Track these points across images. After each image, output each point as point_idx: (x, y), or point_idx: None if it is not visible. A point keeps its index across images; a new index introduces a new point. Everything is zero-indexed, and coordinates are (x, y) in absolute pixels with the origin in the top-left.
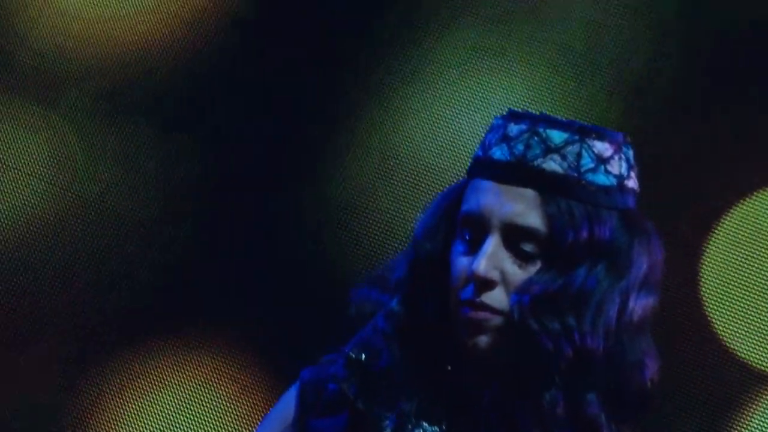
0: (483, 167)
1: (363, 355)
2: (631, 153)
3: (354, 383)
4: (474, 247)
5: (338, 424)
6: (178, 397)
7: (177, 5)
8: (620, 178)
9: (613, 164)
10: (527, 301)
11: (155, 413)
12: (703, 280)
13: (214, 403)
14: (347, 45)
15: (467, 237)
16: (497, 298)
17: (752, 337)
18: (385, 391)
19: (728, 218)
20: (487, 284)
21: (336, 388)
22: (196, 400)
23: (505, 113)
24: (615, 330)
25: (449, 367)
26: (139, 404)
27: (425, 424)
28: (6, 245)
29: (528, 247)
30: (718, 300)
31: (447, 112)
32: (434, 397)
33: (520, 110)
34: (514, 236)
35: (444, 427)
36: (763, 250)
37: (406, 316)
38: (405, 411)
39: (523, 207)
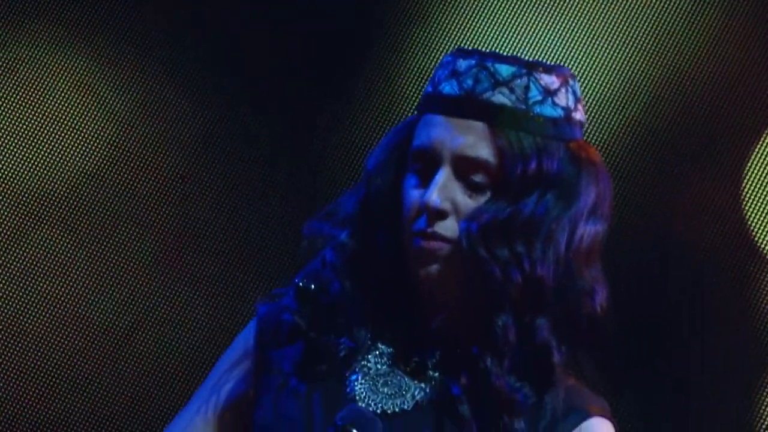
0: (433, 102)
1: (312, 285)
2: (577, 86)
3: (306, 313)
4: (425, 180)
5: (295, 353)
6: None
7: None
8: (567, 110)
9: (560, 96)
10: (475, 228)
11: None
12: (745, 199)
13: None
14: None
15: (418, 170)
16: (448, 227)
17: None
18: (336, 319)
19: None
20: (438, 214)
21: (290, 319)
22: None
23: (453, 50)
24: (564, 258)
25: (399, 297)
26: None
27: (380, 346)
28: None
29: (478, 178)
30: (761, 218)
31: None
32: (385, 325)
33: (468, 48)
34: (464, 168)
35: (398, 350)
36: None
37: (356, 249)
38: (358, 336)
39: (473, 139)
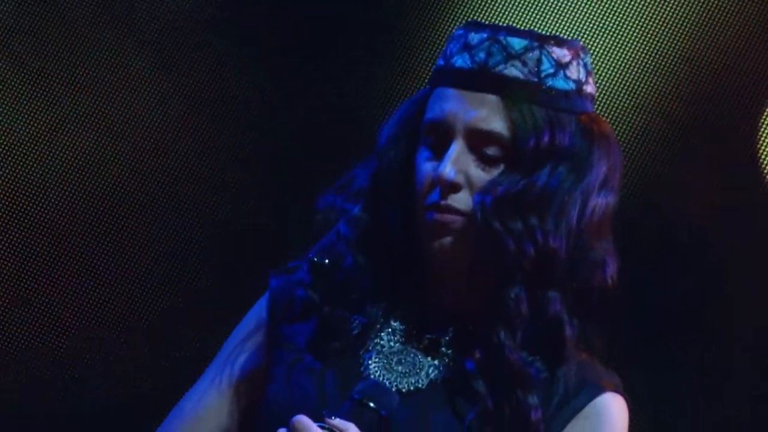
0: (445, 76)
1: (326, 260)
2: (588, 59)
3: (319, 288)
4: (438, 153)
5: (308, 328)
6: None
7: None
8: (579, 83)
9: (571, 69)
10: (489, 201)
11: None
12: (762, 148)
13: None
14: None
15: (431, 143)
16: (462, 200)
17: None
18: (350, 294)
19: None
20: (452, 187)
21: (304, 294)
22: None
23: (465, 23)
24: (576, 230)
25: (412, 272)
26: None
27: (393, 323)
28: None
29: (491, 151)
30: None
31: None
32: (399, 300)
33: (478, 21)
34: (477, 141)
35: (411, 327)
36: None
37: (369, 222)
38: (371, 313)
39: (486, 112)
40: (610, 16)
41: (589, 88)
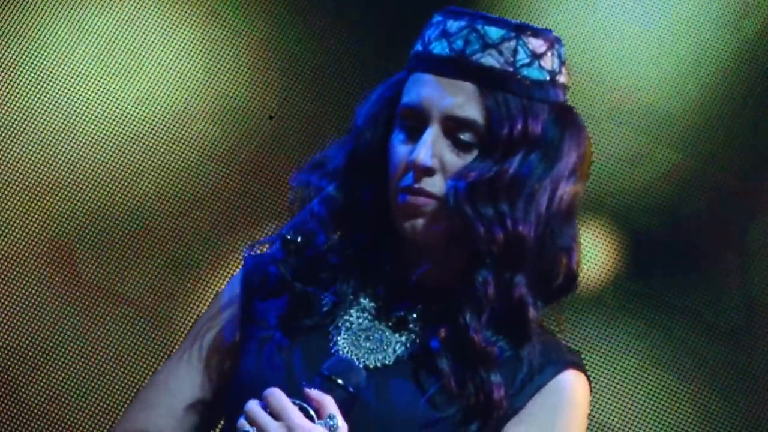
0: (423, 61)
1: (298, 238)
2: (563, 50)
3: (291, 265)
4: (413, 137)
5: (280, 304)
6: None
7: None
8: (552, 74)
9: (546, 60)
10: (462, 186)
11: None
12: None
13: None
14: None
15: (407, 127)
16: (435, 183)
17: None
18: (321, 272)
19: None
20: (426, 171)
21: (275, 271)
22: None
23: (443, 9)
24: (545, 216)
25: (383, 252)
26: None
27: (363, 301)
28: None
29: (466, 137)
30: None
31: None
32: (369, 278)
33: (457, 7)
34: (452, 126)
35: (380, 305)
36: None
37: (342, 201)
38: (341, 290)
39: (462, 99)
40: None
41: (563, 79)
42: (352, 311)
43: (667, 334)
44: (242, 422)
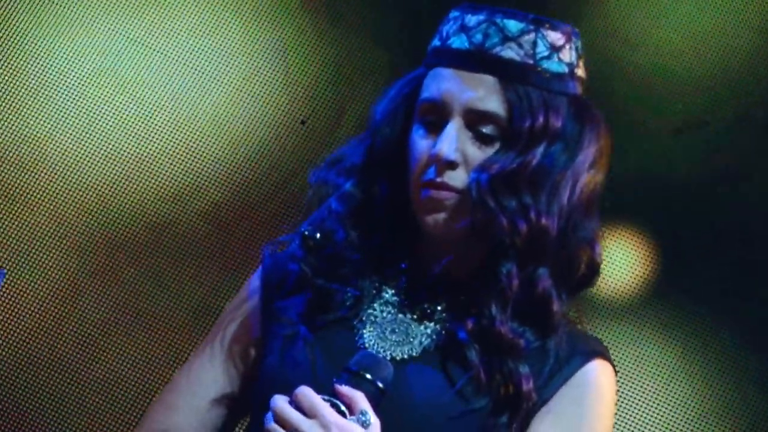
0: (442, 56)
1: (317, 234)
2: (580, 43)
3: (311, 262)
4: (434, 131)
5: (302, 302)
6: None
7: None
8: (571, 66)
9: (564, 53)
10: (485, 179)
11: None
12: None
13: None
14: None
15: (428, 122)
16: (457, 177)
17: None
18: (341, 268)
19: None
20: (449, 165)
21: (296, 268)
22: None
23: (460, 5)
24: (567, 209)
25: (403, 246)
26: None
27: (385, 294)
28: None
29: (487, 130)
30: None
31: None
32: (391, 272)
33: (474, 3)
34: (474, 120)
35: (403, 297)
36: None
37: (361, 198)
38: (363, 285)
39: (483, 92)
40: None
41: (580, 71)
42: (375, 305)
43: (703, 345)
44: (273, 426)
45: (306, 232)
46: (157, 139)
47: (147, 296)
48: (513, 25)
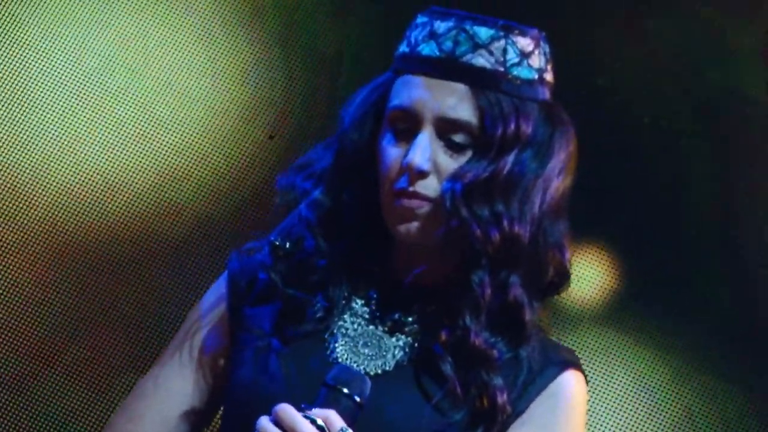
0: (411, 63)
1: (287, 243)
2: (548, 48)
3: (280, 270)
4: (404, 139)
5: (272, 311)
6: None
7: None
8: (540, 71)
9: (534, 58)
10: (459, 188)
11: None
12: None
13: None
14: None
15: (398, 129)
16: (430, 186)
17: None
18: (311, 276)
19: None
20: (421, 174)
21: (265, 277)
22: None
23: (427, 9)
24: (538, 215)
25: (374, 255)
26: None
27: (354, 305)
28: None
29: (459, 138)
30: None
31: None
32: (361, 281)
33: (441, 7)
34: (446, 128)
35: (374, 307)
36: None
37: (330, 206)
38: (333, 295)
39: (454, 101)
40: None
41: (549, 76)
42: (345, 316)
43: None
44: None
45: (275, 240)
46: (125, 152)
47: (120, 306)
48: (483, 32)
